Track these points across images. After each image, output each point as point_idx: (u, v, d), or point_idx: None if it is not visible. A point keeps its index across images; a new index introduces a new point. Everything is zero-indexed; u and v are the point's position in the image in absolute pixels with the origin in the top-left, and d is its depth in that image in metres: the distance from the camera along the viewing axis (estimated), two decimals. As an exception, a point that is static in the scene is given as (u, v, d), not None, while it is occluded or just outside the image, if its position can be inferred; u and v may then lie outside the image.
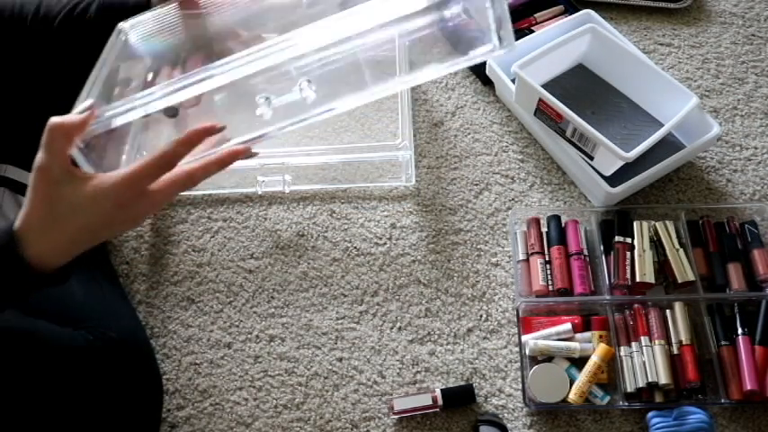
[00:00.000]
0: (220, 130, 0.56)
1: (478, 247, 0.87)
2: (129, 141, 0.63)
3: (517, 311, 0.81)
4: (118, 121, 0.56)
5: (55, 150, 0.52)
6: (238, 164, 0.66)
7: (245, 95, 0.60)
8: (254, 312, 0.84)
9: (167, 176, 0.55)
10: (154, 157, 0.53)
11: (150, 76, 0.68)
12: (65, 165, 0.53)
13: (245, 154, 0.58)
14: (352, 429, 0.77)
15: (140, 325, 0.81)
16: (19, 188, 0.80)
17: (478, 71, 1.00)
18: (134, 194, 0.53)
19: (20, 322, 0.68)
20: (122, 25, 0.70)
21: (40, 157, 0.52)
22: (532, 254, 0.84)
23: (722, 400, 0.74)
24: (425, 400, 0.75)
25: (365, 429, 0.76)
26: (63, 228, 0.53)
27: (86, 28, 0.72)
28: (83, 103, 0.55)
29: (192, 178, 0.55)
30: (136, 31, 0.70)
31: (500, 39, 0.53)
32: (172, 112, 0.64)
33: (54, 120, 0.52)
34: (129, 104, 0.56)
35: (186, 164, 0.56)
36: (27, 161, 0.81)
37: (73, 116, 0.53)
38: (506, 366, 0.79)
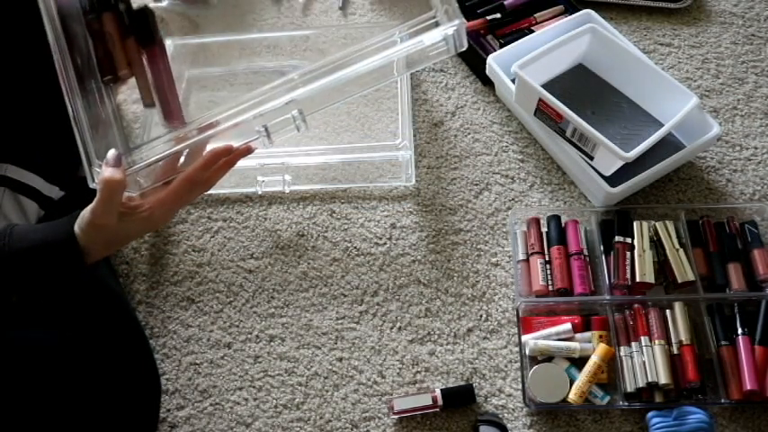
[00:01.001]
0: (236, 150, 0.67)
1: (478, 247, 0.87)
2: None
3: (517, 311, 0.81)
4: (138, 167, 0.67)
5: (114, 203, 0.62)
6: (238, 163, 0.68)
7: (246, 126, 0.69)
8: (254, 312, 0.84)
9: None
10: (183, 182, 0.66)
11: None
12: (120, 209, 0.63)
13: (249, 152, 0.68)
14: (352, 429, 0.77)
15: (139, 325, 0.81)
16: (19, 188, 0.80)
17: (478, 71, 1.00)
18: (171, 211, 0.69)
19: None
20: None
21: (101, 209, 0.62)
22: (532, 254, 0.84)
23: (722, 400, 0.74)
24: (425, 400, 0.75)
25: (365, 429, 0.76)
26: (116, 245, 0.70)
27: None
28: (111, 153, 0.63)
29: (210, 183, 0.68)
30: None
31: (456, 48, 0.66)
32: (150, 105, 0.75)
33: (108, 177, 0.61)
34: (148, 152, 0.67)
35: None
36: (27, 161, 0.81)
37: (118, 170, 0.62)
38: (506, 366, 0.79)
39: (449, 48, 0.66)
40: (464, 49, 0.66)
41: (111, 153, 0.63)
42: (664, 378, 0.74)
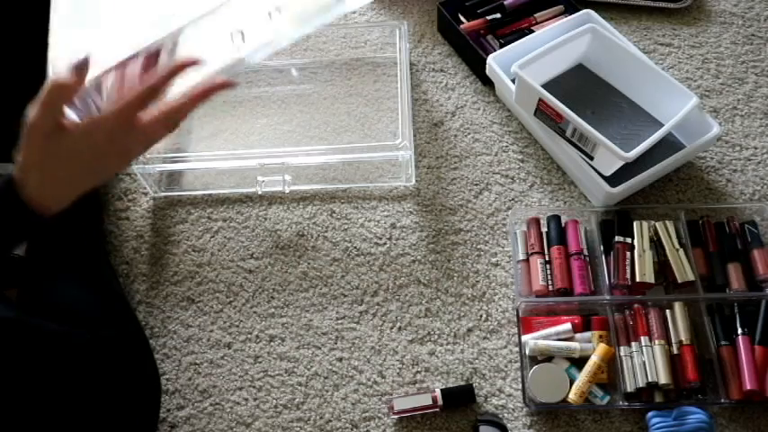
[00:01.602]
0: (198, 62, 0.58)
1: (478, 247, 0.87)
2: (107, 90, 0.63)
3: (517, 311, 0.81)
4: (94, 78, 0.57)
5: (54, 109, 0.55)
6: (239, 164, 0.68)
7: (217, 28, 0.61)
8: (254, 312, 0.84)
9: (155, 109, 0.57)
10: (140, 89, 0.56)
11: None
12: (59, 121, 0.55)
13: (227, 85, 0.59)
14: (352, 429, 0.77)
15: (139, 325, 0.81)
16: None
17: (478, 71, 1.00)
18: (124, 125, 0.56)
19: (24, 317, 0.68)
20: None
21: (37, 114, 0.55)
22: (532, 254, 0.84)
23: (722, 400, 0.74)
24: (425, 400, 0.75)
25: (365, 429, 0.76)
26: (59, 171, 0.56)
27: None
28: (78, 58, 0.55)
29: (180, 110, 0.58)
30: None
31: None
32: None
33: (56, 79, 0.54)
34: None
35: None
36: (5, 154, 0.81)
37: (71, 75, 0.54)
38: (506, 366, 0.79)
39: None
40: None
41: (79, 58, 0.55)
42: (664, 378, 0.74)
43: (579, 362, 0.76)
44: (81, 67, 0.55)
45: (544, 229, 0.86)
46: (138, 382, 0.75)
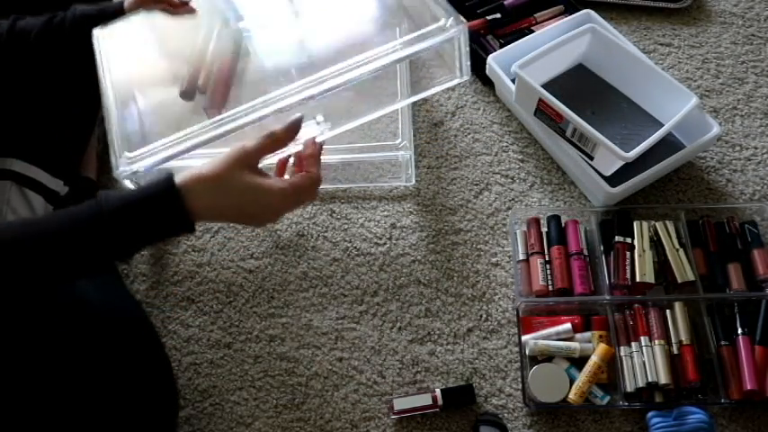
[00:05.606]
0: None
1: (478, 247, 0.87)
2: None
3: (517, 311, 0.81)
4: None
5: (263, 154, 0.62)
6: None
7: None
8: (254, 312, 0.84)
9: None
10: (305, 177, 0.64)
11: None
12: (258, 160, 0.62)
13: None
14: (351, 429, 0.77)
15: (152, 326, 0.80)
16: (25, 182, 0.80)
17: (478, 71, 1.00)
18: (285, 205, 0.63)
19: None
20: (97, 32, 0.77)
21: (250, 150, 0.61)
22: (532, 254, 0.84)
23: (722, 400, 0.74)
24: (425, 400, 0.75)
25: (365, 429, 0.76)
26: (222, 205, 0.61)
27: (63, 38, 0.77)
28: (292, 117, 0.63)
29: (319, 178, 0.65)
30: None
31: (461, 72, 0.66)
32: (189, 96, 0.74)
33: (275, 132, 0.62)
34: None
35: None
36: (32, 155, 0.82)
37: (285, 132, 0.63)
38: (506, 366, 0.79)
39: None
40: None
41: (293, 117, 0.63)
42: (664, 378, 0.74)
43: (579, 362, 0.76)
44: (295, 127, 0.63)
45: (544, 229, 0.86)
46: (157, 387, 0.74)
